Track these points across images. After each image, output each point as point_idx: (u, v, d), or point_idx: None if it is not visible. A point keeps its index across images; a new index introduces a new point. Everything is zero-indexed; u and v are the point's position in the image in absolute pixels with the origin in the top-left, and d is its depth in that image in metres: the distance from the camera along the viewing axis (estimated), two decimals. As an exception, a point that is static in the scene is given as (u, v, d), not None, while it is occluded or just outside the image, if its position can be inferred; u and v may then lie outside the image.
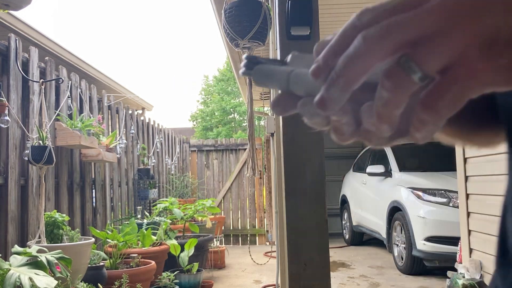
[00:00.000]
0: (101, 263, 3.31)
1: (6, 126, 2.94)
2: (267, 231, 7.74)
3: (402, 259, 5.13)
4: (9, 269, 2.03)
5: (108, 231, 3.86)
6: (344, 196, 7.61)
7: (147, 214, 5.40)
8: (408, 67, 0.27)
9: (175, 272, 4.12)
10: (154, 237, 4.27)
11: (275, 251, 3.89)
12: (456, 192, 4.37)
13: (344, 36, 0.30)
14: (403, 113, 0.30)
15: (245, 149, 8.07)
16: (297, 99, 0.34)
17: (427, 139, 0.30)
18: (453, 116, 0.36)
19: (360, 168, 6.95)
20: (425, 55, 0.27)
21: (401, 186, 5.26)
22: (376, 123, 0.30)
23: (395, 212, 5.32)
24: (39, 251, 2.32)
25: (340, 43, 0.30)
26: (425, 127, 0.29)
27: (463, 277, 3.74)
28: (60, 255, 2.31)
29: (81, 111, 4.19)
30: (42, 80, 3.43)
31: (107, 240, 3.77)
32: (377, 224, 5.92)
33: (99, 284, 3.06)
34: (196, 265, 4.30)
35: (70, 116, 3.82)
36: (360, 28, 0.29)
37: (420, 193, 4.90)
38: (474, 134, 0.50)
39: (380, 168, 5.85)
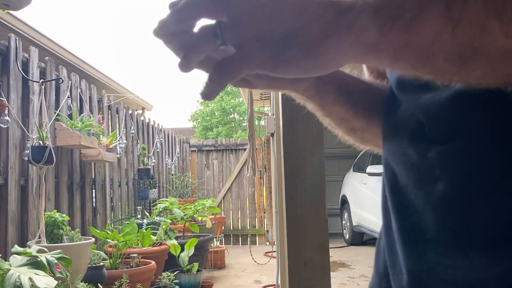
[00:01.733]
0: (101, 263, 3.31)
1: (6, 126, 2.94)
2: (267, 231, 7.74)
3: (402, 259, 5.12)
4: (9, 269, 2.03)
5: (108, 231, 3.86)
6: (344, 196, 7.61)
7: (147, 214, 5.41)
8: (215, 31, 0.37)
9: (175, 272, 4.12)
10: (154, 237, 4.27)
11: (275, 251, 3.89)
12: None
13: None
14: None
15: (245, 149, 8.07)
16: None
17: (213, 96, 0.39)
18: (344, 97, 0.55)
19: (360, 168, 6.95)
20: (227, 30, 0.37)
21: (401, 186, 5.26)
22: (181, 59, 0.40)
23: (395, 212, 5.31)
24: (39, 251, 2.31)
25: None
26: (211, 83, 0.38)
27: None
28: (60, 255, 2.31)
29: (81, 111, 4.19)
30: (42, 80, 3.42)
31: (107, 240, 3.77)
32: (377, 224, 5.93)
33: (99, 284, 3.05)
34: (196, 265, 4.30)
35: (70, 116, 3.82)
36: None
37: (420, 193, 4.90)
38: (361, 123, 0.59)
39: (380, 168, 5.84)
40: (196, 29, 0.40)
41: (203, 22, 0.40)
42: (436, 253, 0.41)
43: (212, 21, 0.39)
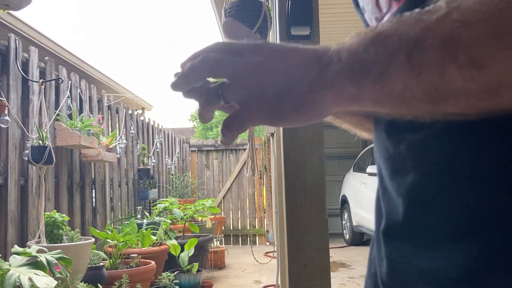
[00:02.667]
0: (101, 263, 3.31)
1: (6, 126, 2.94)
2: (267, 231, 7.74)
3: (402, 259, 5.12)
4: (9, 269, 2.03)
5: (108, 231, 3.86)
6: (344, 196, 7.61)
7: (147, 214, 5.40)
8: (217, 93, 0.43)
9: (175, 272, 4.12)
10: (154, 237, 4.27)
11: (275, 251, 3.89)
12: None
13: (201, 50, 0.45)
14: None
15: (245, 149, 8.07)
16: None
17: (229, 143, 0.45)
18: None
19: (360, 168, 6.95)
20: (227, 91, 0.42)
21: (401, 186, 5.25)
22: (198, 116, 0.47)
23: (395, 212, 5.31)
24: (38, 251, 2.31)
25: (196, 53, 0.45)
26: (224, 137, 0.44)
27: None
28: (60, 255, 2.31)
29: (81, 111, 4.18)
30: (42, 80, 3.42)
31: (107, 240, 3.77)
32: (377, 224, 5.92)
33: (99, 284, 3.05)
34: (196, 265, 4.30)
35: (70, 116, 3.82)
36: (208, 51, 0.44)
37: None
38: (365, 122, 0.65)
39: (380, 168, 5.85)
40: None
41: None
42: (407, 243, 0.45)
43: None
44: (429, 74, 0.34)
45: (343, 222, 7.73)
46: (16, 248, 2.32)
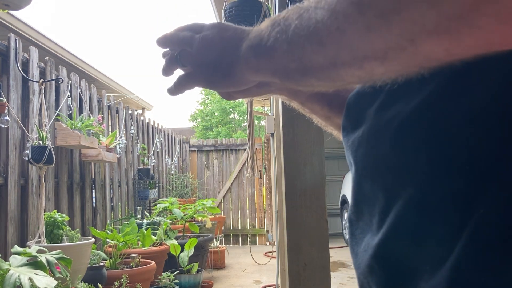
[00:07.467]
0: (101, 263, 3.31)
1: (6, 126, 2.94)
2: (267, 231, 7.74)
3: (402, 259, 5.12)
4: (9, 269, 2.03)
5: (108, 231, 3.86)
6: (344, 196, 7.61)
7: (147, 214, 5.40)
8: (177, 58, 0.59)
9: (175, 272, 4.12)
10: (154, 237, 4.27)
11: (275, 251, 3.89)
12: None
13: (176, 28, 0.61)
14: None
15: (245, 149, 8.07)
16: None
17: (174, 94, 0.63)
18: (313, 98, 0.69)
19: (360, 168, 6.94)
20: (183, 58, 0.58)
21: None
22: (162, 69, 0.63)
23: (395, 212, 5.31)
24: (39, 251, 2.31)
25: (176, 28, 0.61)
26: (174, 86, 0.62)
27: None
28: (60, 255, 2.31)
29: (81, 111, 4.18)
30: (42, 80, 3.42)
31: (107, 240, 3.77)
32: (377, 224, 5.92)
33: (99, 284, 3.05)
34: (196, 265, 4.30)
35: (70, 116, 3.82)
36: (181, 29, 0.60)
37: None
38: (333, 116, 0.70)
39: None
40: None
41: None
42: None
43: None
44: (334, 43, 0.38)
45: (343, 222, 7.73)
46: (16, 248, 2.31)
